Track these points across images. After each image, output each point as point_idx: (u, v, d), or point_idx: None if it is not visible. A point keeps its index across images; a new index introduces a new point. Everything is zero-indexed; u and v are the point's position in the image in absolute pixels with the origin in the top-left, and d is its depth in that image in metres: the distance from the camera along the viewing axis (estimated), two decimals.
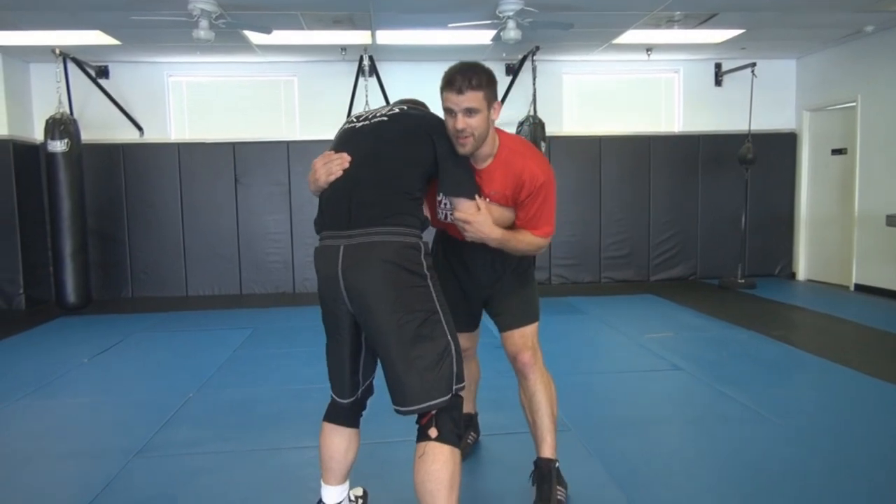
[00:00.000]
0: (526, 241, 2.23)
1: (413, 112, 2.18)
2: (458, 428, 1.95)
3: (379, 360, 2.04)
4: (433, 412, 1.92)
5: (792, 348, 4.70)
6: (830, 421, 3.27)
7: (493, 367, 3.41)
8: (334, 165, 2.05)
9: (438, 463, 1.87)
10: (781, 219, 8.06)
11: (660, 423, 3.31)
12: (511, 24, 5.26)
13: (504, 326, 2.45)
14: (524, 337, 2.42)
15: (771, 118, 7.88)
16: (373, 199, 1.97)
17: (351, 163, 2.04)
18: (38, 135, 6.93)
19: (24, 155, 6.99)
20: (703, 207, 8.01)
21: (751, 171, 7.47)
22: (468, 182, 2.14)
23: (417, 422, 1.96)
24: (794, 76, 8.00)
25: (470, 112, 2.04)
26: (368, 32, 6.25)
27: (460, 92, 2.03)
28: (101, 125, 7.36)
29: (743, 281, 7.37)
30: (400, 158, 2.04)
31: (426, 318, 1.94)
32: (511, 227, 2.25)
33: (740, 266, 7.54)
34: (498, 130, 2.23)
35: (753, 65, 7.27)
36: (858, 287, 7.01)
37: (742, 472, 2.71)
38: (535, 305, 2.49)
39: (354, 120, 2.19)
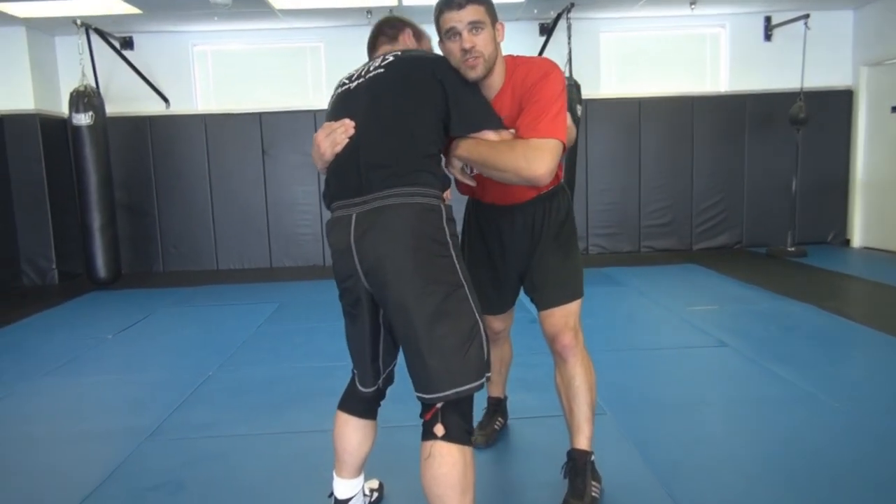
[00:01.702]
0: (514, 144, 1.80)
1: (409, 55, 1.91)
2: (468, 423, 1.74)
3: (399, 343, 1.82)
4: (438, 406, 1.70)
5: (848, 321, 4.36)
6: (894, 402, 2.97)
7: (523, 343, 3.18)
8: (338, 135, 1.82)
9: (446, 466, 1.66)
10: (835, 182, 7.56)
11: (704, 406, 3.05)
12: None
13: (543, 304, 2.19)
14: (566, 316, 2.17)
15: (825, 75, 7.35)
16: (384, 160, 1.75)
17: (355, 127, 1.81)
18: (65, 108, 6.87)
19: (52, 129, 6.95)
20: (750, 172, 7.56)
21: (802, 132, 6.99)
22: (489, 112, 1.89)
23: (421, 416, 1.75)
24: (851, 28, 7.42)
25: (475, 27, 1.83)
26: None
27: (461, 6, 1.82)
28: (127, 97, 7.27)
29: (793, 249, 6.95)
30: (407, 110, 1.79)
31: (450, 293, 1.71)
32: None
33: (790, 233, 7.11)
34: (506, 56, 1.99)
35: (807, 16, 6.75)
36: None
37: (796, 462, 2.44)
38: (579, 279, 2.22)
39: (347, 80, 1.95)
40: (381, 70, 1.86)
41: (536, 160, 1.77)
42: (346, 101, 1.89)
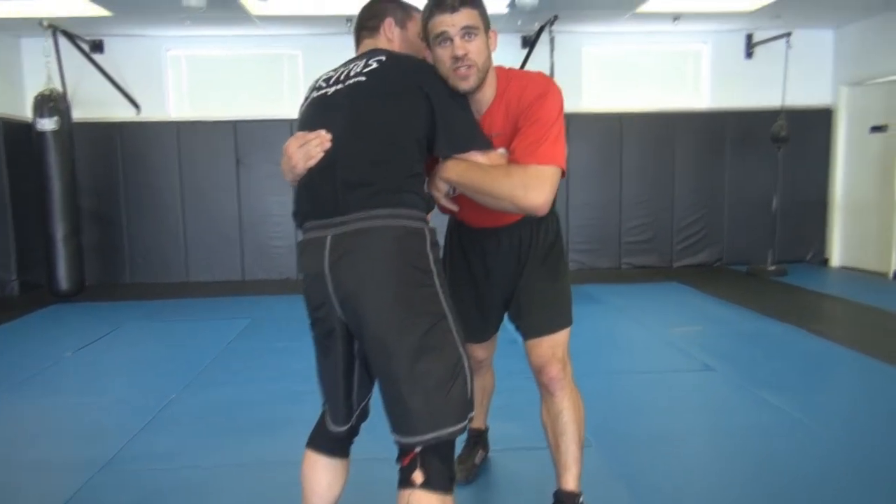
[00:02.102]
0: (511, 170, 1.66)
1: (393, 62, 1.73)
2: (449, 468, 1.58)
3: (376, 379, 1.66)
4: (417, 451, 1.54)
5: (832, 344, 4.29)
6: (885, 430, 2.87)
7: (504, 365, 3.01)
8: (312, 147, 1.65)
9: None
10: (814, 201, 7.56)
11: (693, 436, 2.93)
12: None
13: (530, 332, 2.05)
14: (554, 346, 2.02)
15: (805, 93, 7.35)
16: (364, 177, 1.59)
17: (331, 139, 1.65)
18: (29, 113, 6.58)
19: (15, 134, 6.66)
20: (731, 189, 7.53)
21: (783, 150, 6.98)
22: (477, 132, 1.74)
23: (398, 461, 1.58)
24: (832, 48, 7.45)
25: (469, 33, 1.68)
26: None
27: (454, 10, 1.66)
28: (96, 102, 7.01)
29: (773, 268, 6.91)
30: (390, 124, 1.64)
31: (433, 325, 1.56)
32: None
33: (770, 252, 7.08)
34: (497, 68, 1.84)
35: (788, 35, 6.75)
36: None
37: (790, 494, 2.32)
38: (568, 306, 2.08)
39: (324, 84, 1.77)
40: (363, 78, 1.69)
41: (535, 189, 1.64)
42: (322, 110, 1.73)
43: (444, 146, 1.69)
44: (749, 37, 7.41)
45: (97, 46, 6.99)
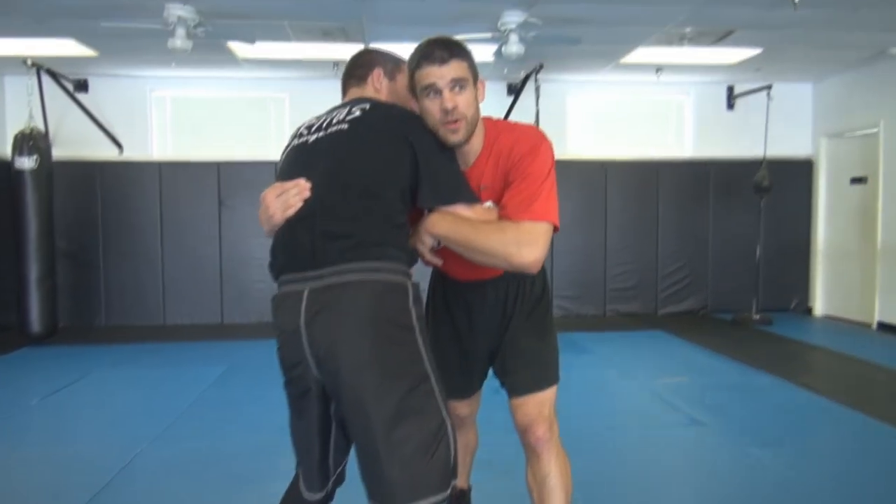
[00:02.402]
0: (504, 227, 1.61)
1: (378, 111, 1.69)
2: None
3: (353, 443, 1.57)
4: None
5: (819, 397, 4.22)
6: (873, 488, 2.79)
7: (486, 416, 2.88)
8: (291, 196, 1.59)
9: None
10: (797, 250, 7.61)
11: (683, 497, 2.83)
12: (513, 37, 4.87)
13: (516, 390, 1.96)
14: (540, 405, 1.93)
15: (786, 144, 7.45)
16: (344, 229, 1.52)
17: (311, 189, 1.58)
18: (9, 151, 6.50)
19: None
20: (715, 237, 7.56)
21: (765, 199, 7.03)
22: (463, 184, 1.68)
23: None
24: (811, 101, 7.60)
25: (458, 85, 1.64)
26: (362, 46, 5.85)
27: (443, 62, 1.62)
28: (78, 141, 6.94)
29: (758, 317, 6.89)
30: (372, 174, 1.58)
31: (414, 387, 1.48)
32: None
33: (755, 300, 7.06)
34: (483, 118, 1.80)
35: (769, 87, 6.87)
36: (882, 326, 6.54)
37: None
38: (555, 362, 2.00)
39: (305, 132, 1.72)
40: (345, 125, 1.64)
41: (529, 246, 1.60)
42: (302, 158, 1.67)
43: (429, 197, 1.63)
44: (730, 88, 7.54)
45: (82, 86, 6.95)
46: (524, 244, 1.60)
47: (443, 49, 1.64)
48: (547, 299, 2.06)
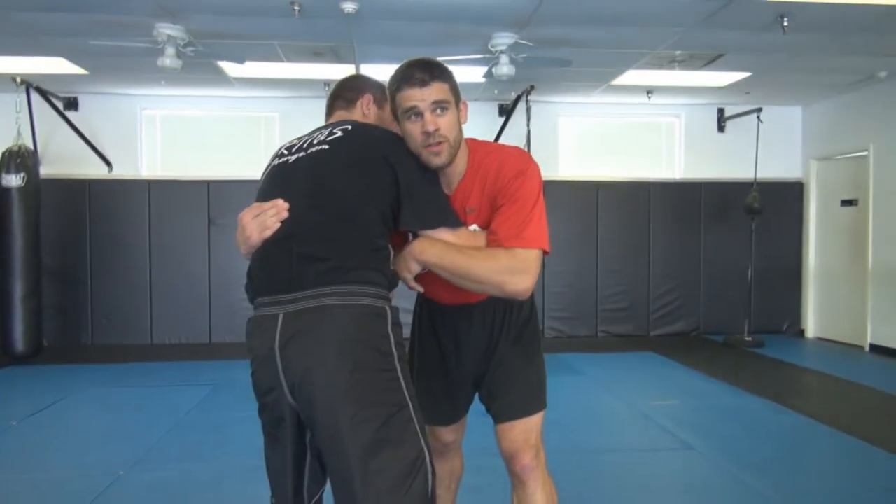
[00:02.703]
0: (496, 254, 1.60)
1: (360, 131, 1.66)
2: None
3: (328, 474, 1.52)
4: None
5: (811, 421, 4.18)
6: None
7: (472, 440, 2.83)
8: (268, 217, 1.56)
9: None
10: (788, 272, 7.60)
11: None
12: (504, 59, 4.88)
13: (501, 416, 1.91)
14: (527, 432, 1.89)
15: (775, 166, 7.48)
16: (322, 251, 1.49)
17: (289, 210, 1.55)
18: None
19: None
20: (706, 259, 7.55)
21: (756, 221, 7.03)
22: (446, 208, 1.65)
23: None
24: (800, 124, 7.65)
25: (440, 107, 1.61)
26: (353, 66, 5.86)
27: (424, 84, 1.60)
28: (67, 159, 6.90)
29: (750, 339, 6.86)
30: (352, 195, 1.54)
31: (392, 415, 1.44)
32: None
33: (746, 322, 7.04)
34: (468, 140, 1.77)
35: (759, 110, 6.90)
36: (874, 347, 6.52)
37: None
38: (543, 388, 1.95)
39: (286, 152, 1.69)
40: (326, 146, 1.61)
41: (522, 274, 1.59)
42: (280, 178, 1.64)
43: (411, 220, 1.60)
44: (721, 111, 7.59)
45: (72, 104, 6.93)
46: (517, 272, 1.59)
47: (423, 71, 1.61)
48: (534, 323, 2.02)
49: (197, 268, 7.08)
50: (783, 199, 7.48)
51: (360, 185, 1.56)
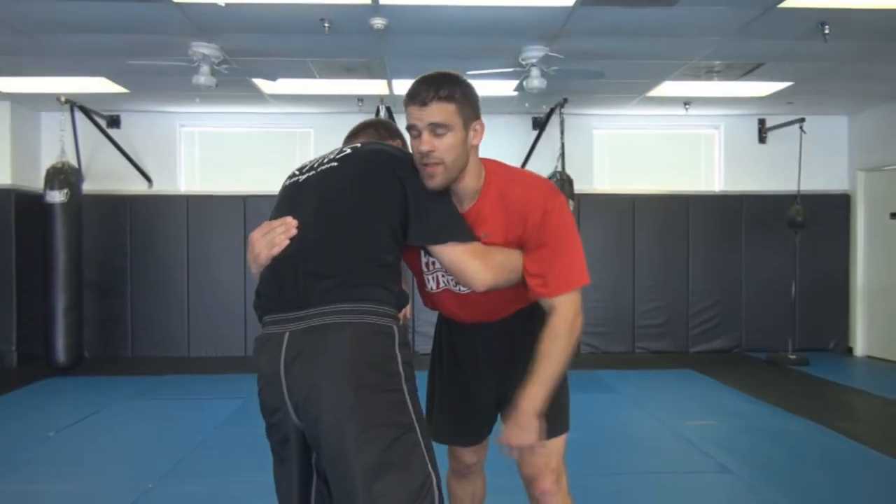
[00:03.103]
0: (555, 334, 1.67)
1: (369, 148, 1.65)
2: None
3: (333, 498, 1.48)
4: None
5: (858, 445, 3.98)
6: None
7: (499, 461, 2.78)
8: (277, 235, 1.55)
9: None
10: (835, 288, 7.31)
11: None
12: (535, 72, 4.84)
13: None
14: (548, 455, 1.83)
15: (820, 178, 7.23)
16: (329, 268, 1.47)
17: (298, 227, 1.53)
18: (42, 185, 6.67)
19: (28, 205, 6.70)
20: (748, 274, 7.32)
21: (800, 234, 6.80)
22: (456, 221, 1.62)
23: None
24: (846, 134, 7.40)
25: (436, 129, 1.56)
26: (385, 81, 5.90)
27: (423, 104, 1.55)
28: (109, 175, 7.08)
29: (794, 357, 6.61)
30: (360, 211, 1.53)
31: (397, 438, 1.40)
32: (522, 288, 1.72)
33: (790, 339, 6.79)
34: (486, 160, 1.72)
35: (802, 120, 6.70)
36: None
37: None
38: (565, 410, 1.90)
39: (297, 172, 1.69)
40: (335, 164, 1.61)
41: (578, 317, 1.70)
42: (291, 197, 1.64)
43: (419, 235, 1.57)
44: (762, 122, 7.38)
45: (114, 121, 7.12)
46: (577, 322, 1.69)
47: (428, 90, 1.56)
48: None
49: (233, 282, 7.17)
50: (828, 211, 7.22)
51: (367, 198, 1.55)
